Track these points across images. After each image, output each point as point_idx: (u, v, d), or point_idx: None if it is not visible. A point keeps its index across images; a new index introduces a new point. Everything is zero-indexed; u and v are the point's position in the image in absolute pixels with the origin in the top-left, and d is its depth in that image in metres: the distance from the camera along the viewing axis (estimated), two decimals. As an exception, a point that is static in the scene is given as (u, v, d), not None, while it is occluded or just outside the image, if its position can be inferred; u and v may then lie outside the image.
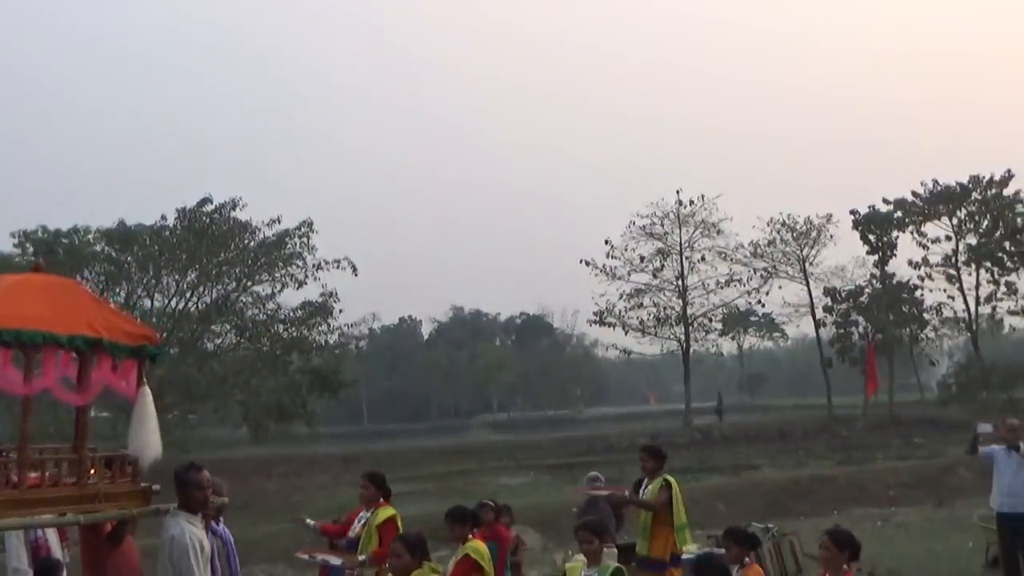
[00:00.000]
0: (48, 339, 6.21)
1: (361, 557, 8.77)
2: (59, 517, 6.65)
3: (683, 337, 49.30)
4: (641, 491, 10.00)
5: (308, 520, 9.70)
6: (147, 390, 6.79)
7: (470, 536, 8.19)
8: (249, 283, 42.12)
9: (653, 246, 48.66)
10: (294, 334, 42.50)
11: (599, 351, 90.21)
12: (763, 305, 51.65)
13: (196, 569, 6.67)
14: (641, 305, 48.95)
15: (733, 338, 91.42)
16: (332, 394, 43.92)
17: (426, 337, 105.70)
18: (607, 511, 13.79)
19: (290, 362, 42.89)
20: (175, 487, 6.98)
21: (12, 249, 39.04)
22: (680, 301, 49.03)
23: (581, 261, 48.53)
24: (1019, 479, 12.05)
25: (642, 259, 48.53)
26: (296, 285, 41.92)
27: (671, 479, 10.07)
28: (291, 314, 42.74)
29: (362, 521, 9.37)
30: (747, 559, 7.78)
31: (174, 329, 41.33)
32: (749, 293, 49.94)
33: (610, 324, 49.46)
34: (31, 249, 38.89)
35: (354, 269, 41.57)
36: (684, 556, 11.88)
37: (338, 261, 41.40)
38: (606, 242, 48.21)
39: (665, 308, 49.10)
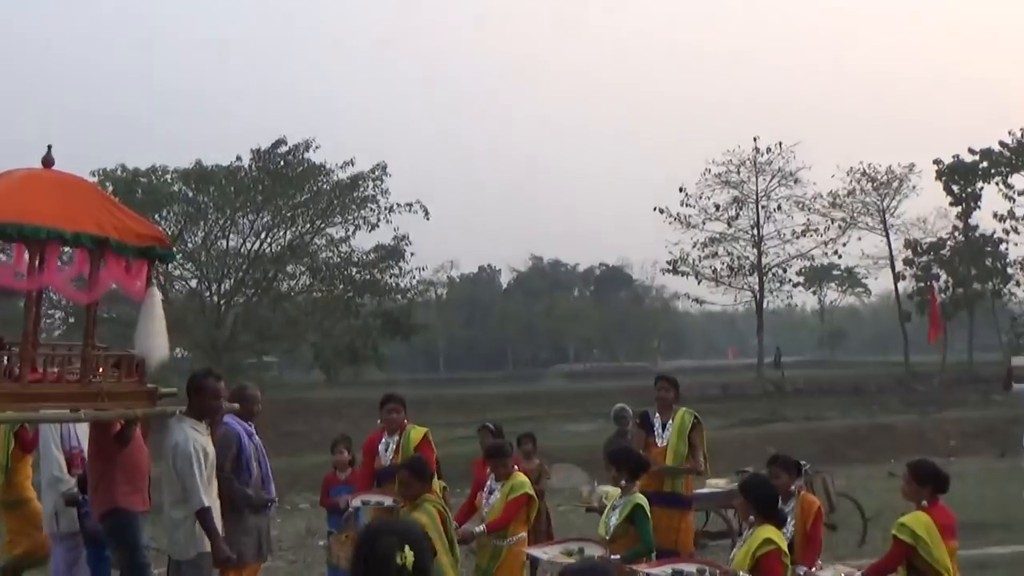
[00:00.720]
0: (52, 235, 6.09)
1: None
2: (60, 412, 6.65)
3: (757, 288, 48.67)
4: (656, 428, 9.17)
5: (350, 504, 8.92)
6: (156, 291, 6.72)
7: (515, 468, 8.14)
8: (323, 225, 42.44)
9: (729, 194, 48.03)
10: (367, 277, 42.84)
11: (678, 304, 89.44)
12: (840, 256, 50.68)
13: (199, 477, 6.66)
14: (715, 254, 48.38)
15: (814, 293, 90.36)
16: (404, 338, 44.29)
17: (504, 286, 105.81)
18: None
19: (362, 305, 43.28)
20: (188, 391, 6.96)
21: (92, 187, 39.72)
22: (755, 251, 48.34)
23: (655, 208, 48.07)
24: None
25: (717, 207, 47.91)
26: (369, 228, 42.20)
27: (696, 414, 9.30)
28: (364, 257, 43.01)
29: (390, 447, 9.16)
30: (794, 487, 7.49)
31: (249, 269, 41.95)
32: (826, 244, 49.02)
33: (683, 273, 49.07)
34: (111, 187, 39.62)
35: (426, 212, 41.70)
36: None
37: (410, 204, 41.54)
38: (680, 189, 47.61)
39: (739, 258, 48.46)
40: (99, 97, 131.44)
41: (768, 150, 47.37)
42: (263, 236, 42.25)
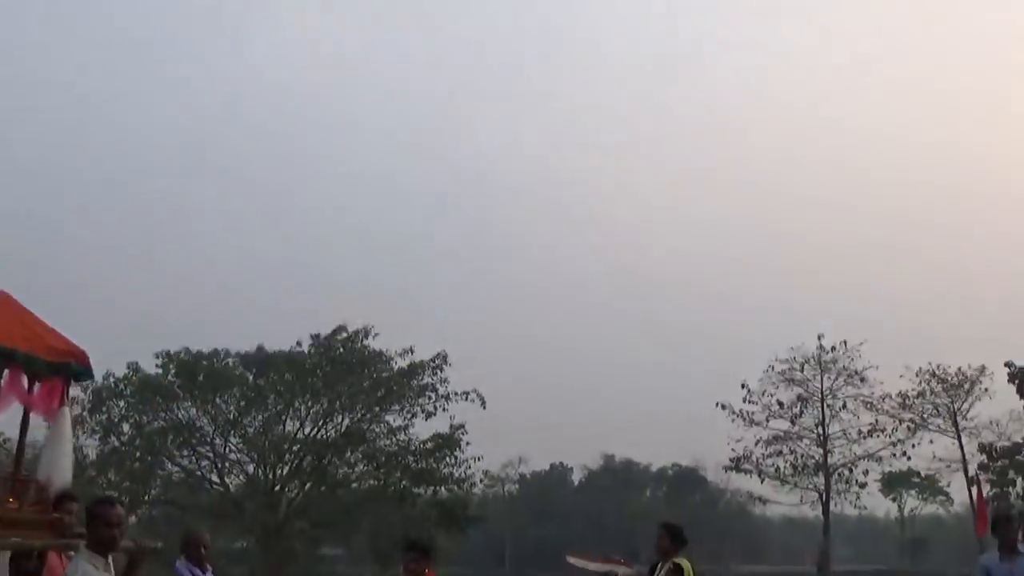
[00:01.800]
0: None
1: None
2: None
3: (823, 488, 47.29)
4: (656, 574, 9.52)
5: None
6: (67, 412, 6.66)
7: None
8: (381, 412, 42.55)
9: (793, 392, 47.27)
10: (422, 466, 42.58)
11: (755, 508, 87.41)
12: (909, 458, 49.10)
13: None
14: (780, 453, 47.32)
15: (894, 500, 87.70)
16: (460, 529, 43.63)
17: (576, 484, 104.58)
18: None
19: (419, 495, 42.90)
20: (85, 520, 6.58)
21: (155, 369, 40.55)
22: (820, 450, 47.18)
23: (717, 404, 47.44)
24: None
25: (781, 405, 47.11)
26: (425, 416, 42.20)
27: (684, 564, 9.53)
28: (421, 446, 42.85)
29: None
30: None
31: (305, 455, 42.00)
32: (894, 444, 47.63)
33: (747, 471, 47.94)
34: (173, 370, 40.39)
35: (483, 402, 41.61)
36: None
37: (467, 393, 41.54)
38: (743, 386, 47.06)
39: (803, 456, 47.29)
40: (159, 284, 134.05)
41: (833, 348, 46.88)
42: (320, 422, 42.46)
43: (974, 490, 49.04)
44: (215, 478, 42.63)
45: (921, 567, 79.14)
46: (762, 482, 48.33)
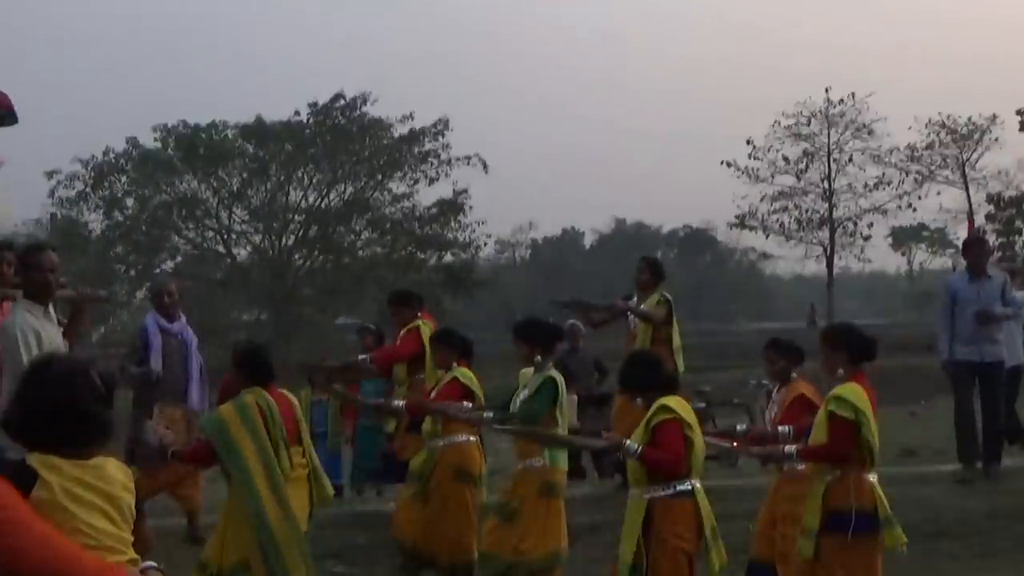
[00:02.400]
0: None
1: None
2: None
3: (828, 243, 47.41)
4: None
5: None
6: None
7: (455, 364, 7.63)
8: (384, 180, 42.41)
9: (799, 147, 46.69)
10: (428, 232, 42.78)
11: (765, 268, 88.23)
12: (915, 210, 48.89)
13: (24, 359, 5.87)
14: (785, 209, 47.22)
15: (903, 255, 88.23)
16: (466, 293, 44.08)
17: (587, 248, 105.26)
18: (587, 360, 13.42)
19: (425, 261, 43.27)
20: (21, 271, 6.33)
21: (154, 144, 40.29)
22: (825, 204, 47.03)
23: (722, 163, 47.05)
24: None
25: (787, 160, 46.65)
26: (428, 182, 42.17)
27: (669, 296, 9.53)
28: (426, 212, 42.93)
29: None
30: (794, 374, 6.86)
31: (310, 225, 42.16)
32: (901, 197, 47.37)
33: (751, 227, 48.04)
34: (172, 144, 40.11)
35: (484, 166, 41.42)
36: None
37: (468, 157, 41.33)
38: (748, 142, 46.49)
39: (808, 211, 47.18)
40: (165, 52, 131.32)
41: (840, 101, 46.00)
42: (324, 191, 42.42)
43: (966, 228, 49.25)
44: (222, 250, 42.99)
45: (927, 320, 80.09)
46: (767, 238, 48.62)
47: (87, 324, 7.24)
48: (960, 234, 49.62)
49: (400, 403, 7.77)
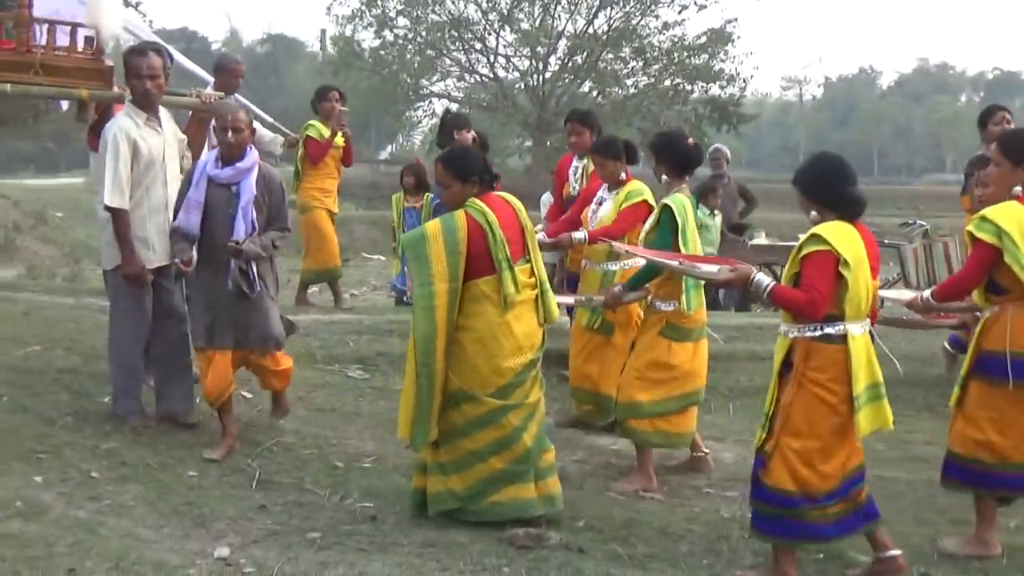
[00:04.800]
0: None
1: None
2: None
3: None
4: None
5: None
6: None
7: (623, 176, 7.17)
8: (652, 6, 41.30)
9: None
10: (696, 63, 41.56)
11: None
12: None
13: (113, 171, 6.15)
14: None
15: None
16: (731, 127, 42.87)
17: (884, 89, 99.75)
18: (731, 187, 12.77)
19: (691, 92, 42.23)
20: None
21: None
22: None
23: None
24: None
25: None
26: (697, 8, 40.83)
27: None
28: (694, 41, 41.65)
29: (578, 172, 8.14)
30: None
31: (576, 51, 41.75)
32: None
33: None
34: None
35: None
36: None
37: (736, -20, 39.60)
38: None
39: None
40: None
41: None
42: (592, 16, 41.76)
43: None
44: (487, 72, 43.35)
45: None
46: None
47: (204, 134, 7.29)
48: None
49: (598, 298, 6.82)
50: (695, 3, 40.75)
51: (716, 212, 12.26)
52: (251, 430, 6.87)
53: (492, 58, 42.82)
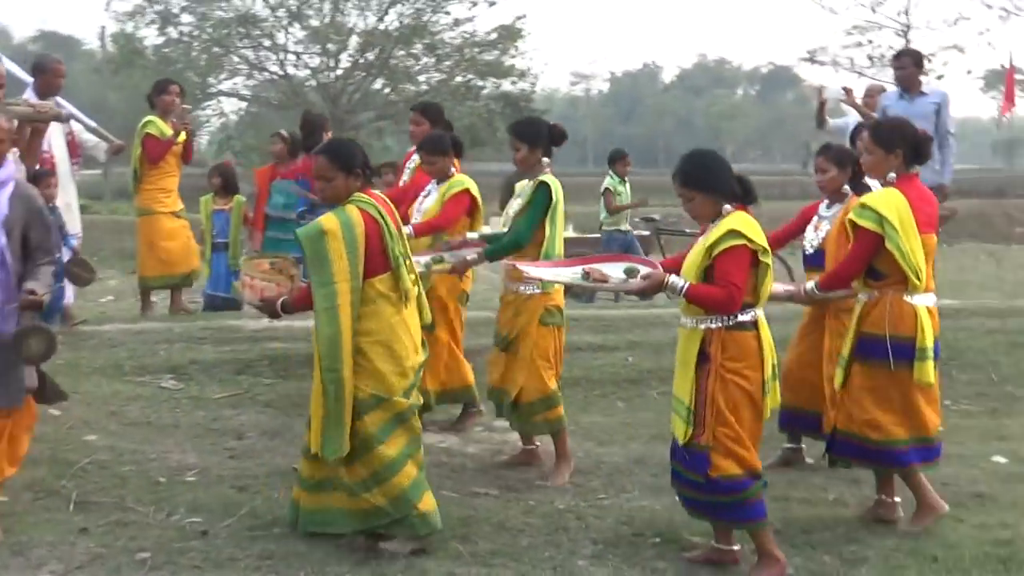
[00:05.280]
0: None
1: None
2: None
3: (901, 80, 45.50)
4: None
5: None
6: None
7: (453, 170, 7.21)
8: (443, 2, 41.33)
9: (877, -23, 44.54)
10: (487, 59, 41.84)
11: (847, 107, 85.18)
12: (994, 48, 46.70)
13: None
14: (859, 44, 45.38)
15: (993, 99, 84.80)
16: (524, 123, 43.30)
17: (666, 83, 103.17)
18: None
19: (483, 88, 42.48)
20: None
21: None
22: (901, 40, 45.00)
23: (797, -8, 45.19)
24: None
25: (863, -10, 44.63)
26: (488, 3, 41.03)
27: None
28: (485, 37, 41.89)
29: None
30: (848, 189, 6.36)
31: (368, 47, 41.41)
32: (981, 34, 45.30)
33: (821, 63, 46.50)
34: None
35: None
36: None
37: (524, -19, 40.06)
38: (824, -28, 44.51)
39: (883, 47, 45.24)
40: None
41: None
42: (383, 13, 41.49)
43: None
44: (277, 70, 42.55)
45: (1016, 164, 77.91)
46: (837, 74, 47.08)
47: (38, 148, 6.75)
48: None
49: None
50: (485, 0, 40.85)
51: (626, 179, 13.52)
52: (62, 449, 6.53)
53: (282, 55, 42.01)
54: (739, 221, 4.82)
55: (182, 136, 9.94)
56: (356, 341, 4.95)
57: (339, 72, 41.98)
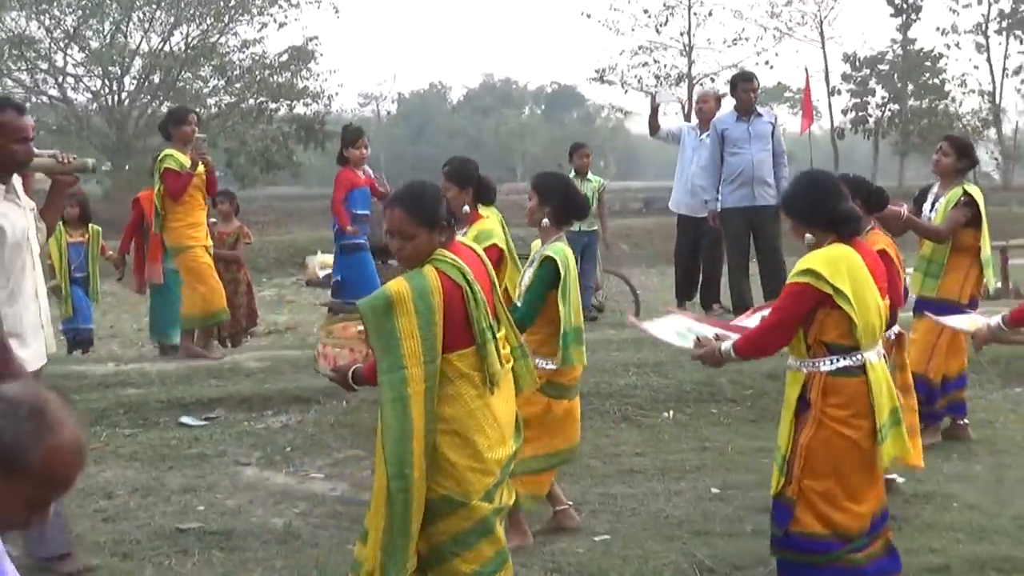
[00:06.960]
0: None
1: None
2: None
3: (686, 99, 47.18)
4: (932, 203, 7.46)
5: None
6: None
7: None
8: (230, 23, 40.39)
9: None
10: (279, 81, 41.09)
11: (632, 126, 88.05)
12: (771, 67, 49.08)
13: None
14: (644, 64, 46.77)
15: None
16: (318, 145, 42.79)
17: (455, 103, 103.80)
18: None
19: (276, 110, 41.74)
20: None
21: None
22: (685, 60, 46.72)
23: (581, 13, 46.29)
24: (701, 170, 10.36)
25: (646, 12, 46.07)
26: (278, 26, 40.44)
27: (973, 191, 7.26)
28: (276, 59, 41.16)
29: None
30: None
31: (153, 70, 40.05)
32: (759, 54, 47.34)
33: (610, 82, 47.66)
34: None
35: (336, 10, 39.79)
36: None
37: (318, 1, 39.68)
38: (607, -8, 45.77)
39: (668, 67, 46.83)
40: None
41: (701, -50, 45.27)
42: (167, 34, 40.20)
43: (840, 101, 49.50)
44: (56, 94, 40.63)
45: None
46: (625, 93, 48.44)
47: (62, 202, 5.78)
48: (822, 99, 49.70)
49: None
50: (275, 21, 40.15)
51: (588, 174, 12.45)
52: None
53: (60, 78, 40.13)
54: (819, 260, 4.50)
55: (200, 167, 9.20)
56: (432, 436, 4.03)
57: (123, 96, 40.37)
